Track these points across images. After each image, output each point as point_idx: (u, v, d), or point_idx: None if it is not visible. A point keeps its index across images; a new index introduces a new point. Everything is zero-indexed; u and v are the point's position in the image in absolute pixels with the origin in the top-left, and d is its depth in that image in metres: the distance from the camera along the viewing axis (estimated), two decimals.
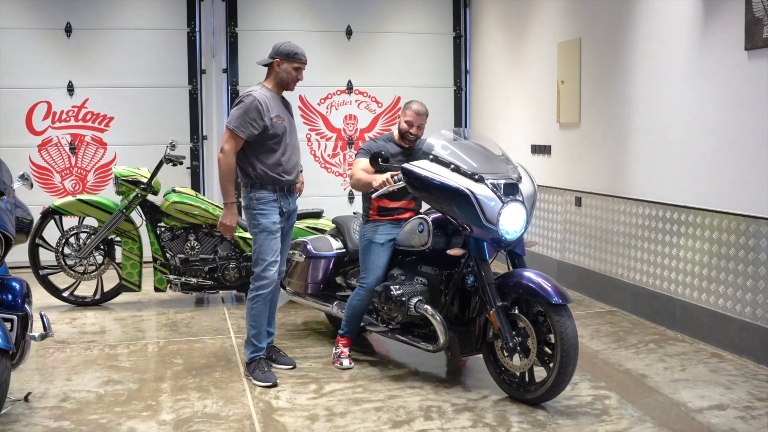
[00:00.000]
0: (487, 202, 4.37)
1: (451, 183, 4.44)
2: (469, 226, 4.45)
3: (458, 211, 4.45)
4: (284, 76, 4.88)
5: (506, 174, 4.57)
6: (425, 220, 4.78)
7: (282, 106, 4.93)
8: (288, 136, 4.88)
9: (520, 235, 4.50)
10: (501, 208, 4.37)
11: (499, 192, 4.41)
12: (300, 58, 4.88)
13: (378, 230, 5.05)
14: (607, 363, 5.11)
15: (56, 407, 4.39)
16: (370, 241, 5.05)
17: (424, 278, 4.85)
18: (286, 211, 4.90)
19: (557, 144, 7.44)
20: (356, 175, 5.00)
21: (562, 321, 4.15)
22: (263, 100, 4.76)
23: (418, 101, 5.14)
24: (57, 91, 8.58)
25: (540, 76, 7.70)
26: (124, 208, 6.68)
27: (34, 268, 6.79)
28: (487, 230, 4.40)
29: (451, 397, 4.49)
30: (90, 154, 8.73)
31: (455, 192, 4.42)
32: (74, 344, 5.67)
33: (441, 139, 4.76)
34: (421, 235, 4.79)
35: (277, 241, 4.86)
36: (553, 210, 7.51)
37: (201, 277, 6.75)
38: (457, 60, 9.55)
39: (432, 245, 4.75)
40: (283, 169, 4.83)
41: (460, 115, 9.61)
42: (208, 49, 8.94)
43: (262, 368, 4.84)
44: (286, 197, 4.92)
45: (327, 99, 9.31)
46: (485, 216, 4.37)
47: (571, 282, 7.20)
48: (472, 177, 4.45)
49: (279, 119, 4.80)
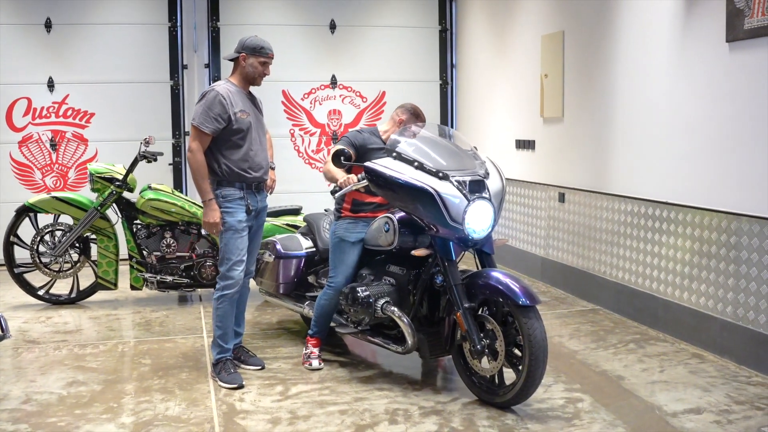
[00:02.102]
0: (452, 200, 4.25)
1: (414, 182, 4.31)
2: (434, 225, 4.33)
3: (423, 210, 4.33)
4: (250, 71, 4.77)
5: (473, 170, 4.44)
6: (391, 219, 4.64)
7: (248, 101, 4.80)
8: (254, 132, 4.76)
9: (487, 234, 4.37)
10: (467, 207, 4.25)
11: (464, 190, 4.29)
12: (266, 53, 4.76)
13: (350, 228, 4.92)
14: (584, 364, 4.99)
15: (16, 409, 4.28)
16: (340, 239, 4.92)
17: (393, 278, 4.73)
18: (253, 209, 4.79)
19: (541, 139, 7.31)
20: (327, 164, 4.83)
21: (530, 323, 4.03)
22: (226, 94, 4.65)
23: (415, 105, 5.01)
24: (37, 87, 8.47)
25: (524, 70, 7.57)
26: (99, 206, 6.56)
27: (9, 266, 6.68)
28: (452, 229, 4.28)
29: (420, 400, 4.38)
30: (71, 151, 8.62)
31: (419, 191, 4.29)
32: (44, 344, 5.57)
33: (406, 135, 4.64)
34: (387, 234, 4.66)
35: (244, 239, 4.75)
36: (537, 206, 7.39)
37: (177, 275, 6.63)
38: (443, 54, 9.42)
39: (398, 245, 4.62)
40: (249, 166, 4.72)
41: (446, 109, 9.49)
42: (190, 44, 8.82)
43: (228, 369, 4.73)
44: (254, 195, 4.81)
45: (311, 94, 9.19)
46: (450, 215, 4.25)
47: (555, 279, 7.08)
48: (436, 175, 4.32)
49: (244, 114, 4.68)
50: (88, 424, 4.08)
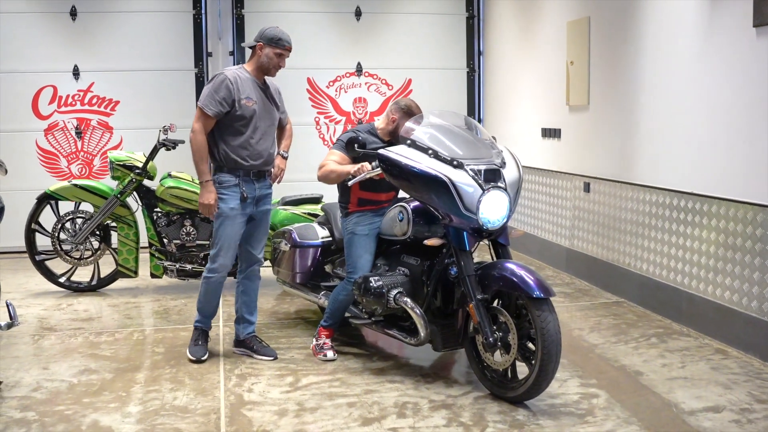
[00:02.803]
0: (466, 189, 4.14)
1: (428, 170, 4.21)
2: (448, 215, 4.23)
3: (437, 199, 4.23)
4: (265, 61, 4.73)
5: (489, 159, 4.32)
6: (405, 208, 4.55)
7: (258, 90, 4.77)
8: (259, 121, 4.74)
9: (502, 224, 4.26)
10: (481, 196, 4.14)
11: (479, 178, 4.18)
12: (283, 45, 4.72)
13: (359, 221, 4.83)
14: (602, 358, 4.86)
15: (26, 397, 4.28)
16: (352, 233, 4.83)
17: (407, 269, 4.64)
18: (250, 197, 4.77)
19: (567, 127, 7.16)
20: (327, 166, 4.73)
21: (543, 316, 3.92)
22: (234, 79, 4.65)
23: (414, 102, 4.87)
24: (63, 75, 8.51)
25: (550, 57, 7.42)
26: (119, 194, 6.56)
27: (30, 254, 6.72)
28: (466, 219, 4.18)
29: (431, 393, 4.29)
30: (96, 138, 8.66)
31: (433, 179, 4.19)
32: (61, 331, 5.58)
33: (421, 123, 4.53)
34: (401, 223, 4.57)
35: (235, 227, 4.77)
36: (562, 196, 7.24)
37: (197, 263, 6.62)
38: (470, 41, 9.27)
39: (413, 234, 4.53)
40: (248, 154, 4.72)
41: (473, 98, 9.35)
42: (215, 32, 8.79)
43: (197, 340, 4.94)
44: (252, 183, 4.79)
45: (336, 81, 9.11)
46: (464, 204, 4.15)
47: (580, 271, 6.94)
48: (450, 163, 4.22)
49: (249, 101, 4.67)
50: (95, 413, 4.06)
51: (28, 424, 3.92)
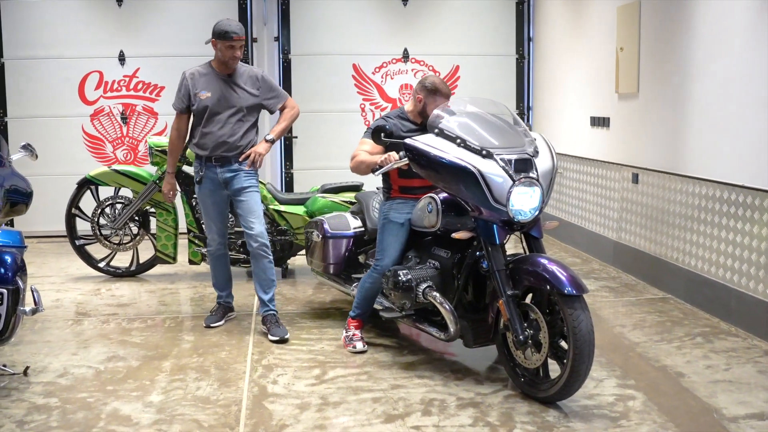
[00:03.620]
0: (495, 180, 3.97)
1: (455, 160, 4.05)
2: (477, 207, 4.07)
3: (465, 190, 4.07)
4: (220, 55, 5.01)
5: (521, 148, 4.13)
6: (434, 199, 4.38)
7: (218, 83, 5.03)
8: (214, 111, 5.00)
9: (534, 216, 4.07)
10: (511, 187, 3.97)
11: (509, 169, 4.00)
12: (230, 36, 4.91)
13: (397, 209, 4.70)
14: (643, 358, 4.64)
15: (51, 383, 4.27)
16: (388, 219, 4.70)
17: (437, 262, 4.48)
18: (210, 180, 5.11)
19: (616, 116, 6.89)
20: (357, 157, 4.63)
21: (576, 314, 3.73)
22: (191, 77, 5.09)
23: (440, 79, 4.71)
24: (108, 61, 8.53)
25: (600, 44, 7.15)
26: (158, 179, 6.54)
27: (70, 238, 6.75)
28: (496, 211, 4.01)
29: (460, 390, 4.14)
30: (141, 124, 8.68)
31: (460, 170, 4.03)
32: (95, 317, 5.58)
33: (450, 110, 4.36)
34: (430, 215, 4.40)
35: (207, 206, 5.22)
36: (610, 187, 6.99)
37: (234, 250, 6.57)
38: (519, 27, 9.01)
39: (442, 226, 4.37)
40: (203, 142, 5.06)
41: (522, 85, 9.10)
42: (260, 17, 8.71)
43: (212, 310, 5.46)
44: (214, 167, 5.09)
45: (382, 68, 8.96)
46: (493, 196, 3.98)
47: (627, 264, 6.69)
48: (479, 153, 4.05)
49: (203, 95, 5.01)
50: (117, 401, 4.02)
51: (49, 410, 3.89)
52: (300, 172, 8.99)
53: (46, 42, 8.41)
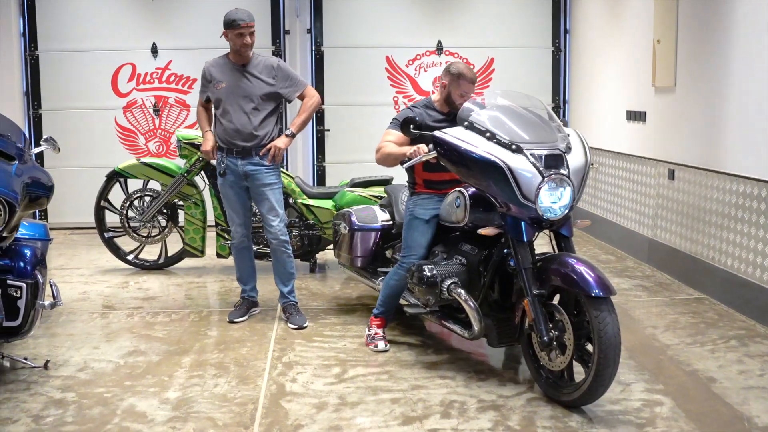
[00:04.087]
0: (524, 175, 3.86)
1: (484, 154, 3.94)
2: (505, 202, 3.95)
3: (493, 186, 3.95)
4: (231, 44, 5.05)
5: (552, 144, 4.00)
6: (462, 194, 4.28)
7: (233, 72, 5.06)
8: (228, 101, 5.03)
9: (563, 214, 3.94)
10: (540, 183, 3.85)
11: (539, 164, 3.88)
12: (238, 24, 4.93)
13: (423, 204, 4.60)
14: (673, 361, 4.49)
15: (70, 377, 4.26)
16: (414, 216, 4.61)
17: (464, 258, 4.37)
18: (230, 172, 5.12)
19: (652, 110, 6.70)
20: (384, 149, 4.55)
21: (602, 316, 3.60)
22: (208, 68, 5.19)
23: (465, 65, 4.60)
24: (141, 53, 8.54)
25: (636, 36, 6.95)
26: (186, 172, 6.52)
27: (99, 231, 6.77)
28: (524, 208, 3.89)
29: (481, 392, 4.04)
30: (173, 116, 8.68)
31: (489, 165, 3.92)
32: (120, 310, 5.57)
33: (481, 103, 4.25)
34: (458, 210, 4.30)
35: (229, 198, 5.22)
36: (646, 183, 6.80)
37: (262, 244, 6.52)
38: (556, 18, 8.82)
39: (470, 221, 4.26)
40: (221, 132, 5.11)
41: (558, 78, 8.91)
42: (292, 9, 8.64)
43: (236, 304, 5.45)
44: (234, 159, 5.09)
45: (415, 60, 8.84)
46: (522, 192, 3.86)
47: (662, 263, 6.51)
48: (509, 147, 3.93)
49: (218, 85, 5.07)
50: (134, 397, 3.99)
51: (65, 405, 3.88)
52: (332, 165, 8.92)
53: (79, 35, 8.44)
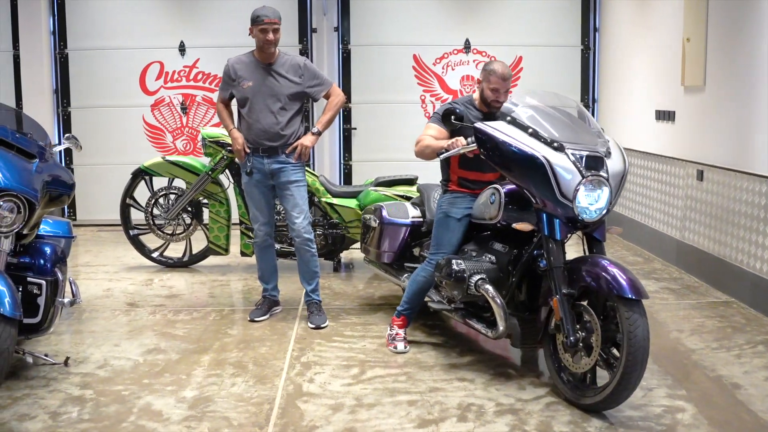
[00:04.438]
0: (564, 174, 3.82)
1: (525, 148, 3.90)
2: (542, 199, 3.90)
3: (532, 181, 3.91)
4: (256, 41, 5.00)
5: (593, 147, 3.97)
6: (497, 191, 4.24)
7: (259, 71, 5.01)
8: (255, 99, 5.00)
9: (599, 217, 3.90)
10: (579, 183, 3.81)
11: (580, 164, 3.84)
12: (262, 20, 4.88)
13: (456, 203, 4.56)
14: (698, 366, 4.40)
15: (89, 374, 4.28)
16: (445, 214, 4.57)
17: (494, 256, 4.34)
18: (256, 170, 5.10)
19: (681, 109, 6.58)
20: (423, 141, 4.50)
21: (633, 318, 3.56)
22: (233, 65, 5.10)
23: (501, 62, 4.55)
24: (169, 52, 8.59)
25: (666, 34, 6.83)
26: (210, 170, 6.53)
27: (125, 228, 6.81)
28: (561, 206, 3.84)
29: (500, 395, 3.99)
30: (201, 114, 8.72)
31: (529, 159, 3.88)
32: (142, 307, 5.60)
33: (524, 101, 4.19)
34: (492, 206, 4.25)
35: (253, 196, 5.19)
36: (674, 183, 6.69)
37: (285, 242, 6.52)
38: (585, 16, 8.71)
39: (503, 219, 4.21)
40: (248, 131, 5.08)
41: (587, 77, 8.80)
42: (319, 8, 8.63)
43: (257, 303, 5.46)
44: (261, 158, 5.07)
45: (443, 59, 8.78)
46: (560, 190, 3.82)
47: (690, 265, 6.40)
48: (551, 145, 3.90)
49: (245, 83, 5.02)
50: (151, 395, 4.00)
51: (83, 402, 3.89)
52: (359, 163, 8.90)
53: (108, 33, 8.51)
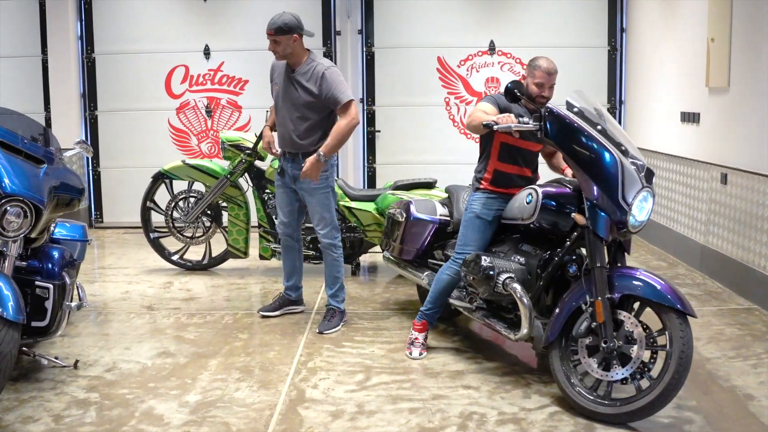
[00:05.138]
0: (630, 179, 3.80)
1: (602, 141, 3.86)
2: (601, 195, 3.82)
3: (598, 176, 3.83)
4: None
5: (643, 162, 3.96)
6: (535, 191, 4.17)
7: (285, 75, 5.03)
8: (279, 104, 5.06)
9: (640, 227, 3.88)
10: (640, 191, 3.80)
11: (640, 173, 3.84)
12: (268, 31, 4.91)
13: (488, 203, 4.50)
14: (711, 376, 4.29)
15: (97, 377, 4.31)
16: (476, 215, 4.50)
17: (523, 258, 4.28)
18: (286, 172, 5.16)
19: (706, 111, 6.44)
20: (475, 114, 4.33)
21: (687, 333, 3.56)
22: (272, 66, 5.19)
23: (546, 57, 4.47)
24: (194, 55, 8.66)
25: (691, 34, 6.69)
26: (229, 174, 6.56)
27: (145, 231, 6.86)
28: (618, 208, 3.79)
29: (504, 404, 3.92)
30: (225, 117, 8.76)
31: (603, 154, 3.82)
32: (157, 311, 5.63)
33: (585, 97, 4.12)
34: (528, 206, 4.20)
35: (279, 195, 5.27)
36: (698, 187, 6.54)
37: (304, 246, 6.51)
38: (611, 16, 8.57)
39: (538, 220, 4.15)
40: (277, 133, 5.22)
41: (614, 79, 8.65)
42: (343, 10, 8.62)
43: (274, 298, 5.58)
44: (289, 161, 5.14)
45: (467, 61, 8.71)
46: (623, 193, 3.78)
47: (714, 271, 6.25)
48: (618, 147, 3.88)
49: (275, 86, 5.11)
50: (155, 399, 4.01)
51: (87, 405, 3.92)
52: (383, 166, 8.87)
53: (134, 37, 8.60)
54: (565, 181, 4.33)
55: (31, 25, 8.60)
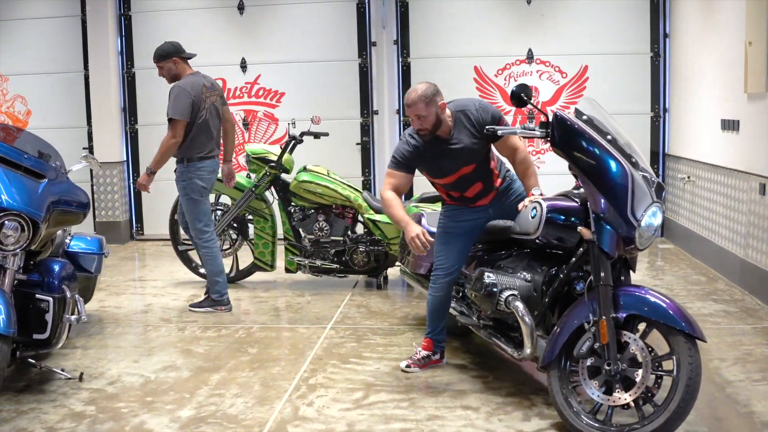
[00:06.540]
0: (641, 192, 3.63)
1: (613, 152, 3.68)
2: (609, 209, 3.66)
3: (607, 187, 3.66)
4: None
5: (653, 176, 3.80)
6: (540, 205, 4.00)
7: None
8: None
9: (648, 244, 3.70)
10: (649, 206, 3.63)
11: (650, 187, 3.67)
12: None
13: (453, 216, 4.50)
14: (730, 400, 4.04)
15: (98, 390, 4.31)
16: (443, 230, 4.52)
17: (529, 274, 4.13)
18: None
19: (745, 118, 6.14)
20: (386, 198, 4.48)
21: (695, 359, 3.37)
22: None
23: (413, 88, 4.32)
24: (231, 68, 8.70)
25: (729, 38, 6.40)
26: (254, 186, 6.55)
27: (173, 244, 6.91)
28: (626, 224, 3.61)
29: (500, 426, 3.77)
30: (262, 130, 8.79)
31: (613, 166, 3.65)
32: (174, 323, 5.63)
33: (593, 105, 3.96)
34: (532, 221, 4.03)
35: None
36: (737, 197, 6.24)
37: (328, 259, 6.47)
38: (654, 22, 8.27)
39: (542, 236, 3.98)
40: None
41: (657, 86, 8.35)
42: (378, 20, 8.55)
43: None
44: None
45: (505, 70, 8.54)
46: (632, 207, 3.61)
47: (753, 286, 5.94)
48: (629, 158, 3.71)
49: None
50: (149, 413, 3.99)
51: (81, 418, 3.92)
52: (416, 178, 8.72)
53: None
54: (572, 194, 4.15)
55: (73, 42, 8.79)
